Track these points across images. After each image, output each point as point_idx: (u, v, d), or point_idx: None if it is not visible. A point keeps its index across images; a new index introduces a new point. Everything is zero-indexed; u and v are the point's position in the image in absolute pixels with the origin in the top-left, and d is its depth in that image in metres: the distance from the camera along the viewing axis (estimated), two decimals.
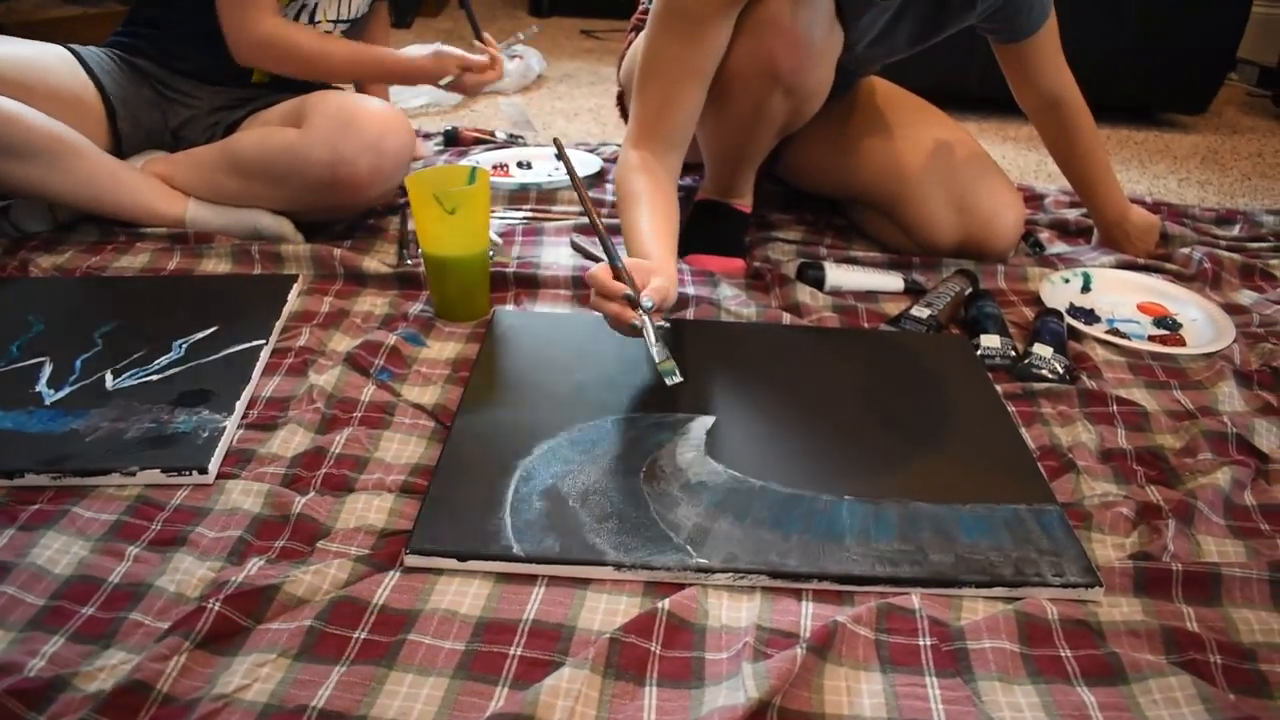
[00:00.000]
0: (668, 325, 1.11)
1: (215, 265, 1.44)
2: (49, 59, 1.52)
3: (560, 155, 1.16)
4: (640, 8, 1.70)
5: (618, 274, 1.10)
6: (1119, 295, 1.52)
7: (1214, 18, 2.46)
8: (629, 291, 1.09)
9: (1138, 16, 2.43)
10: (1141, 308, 1.50)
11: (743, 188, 1.56)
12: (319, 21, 1.61)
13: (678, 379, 1.09)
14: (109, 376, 1.15)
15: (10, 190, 1.44)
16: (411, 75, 1.65)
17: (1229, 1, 2.44)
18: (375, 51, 1.62)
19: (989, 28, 1.50)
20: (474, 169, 1.31)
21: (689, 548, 0.91)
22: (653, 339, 1.09)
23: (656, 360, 1.09)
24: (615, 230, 1.53)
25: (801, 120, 1.49)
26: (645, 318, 1.08)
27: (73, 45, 1.58)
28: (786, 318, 1.36)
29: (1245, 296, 1.54)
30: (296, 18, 1.58)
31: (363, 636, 0.82)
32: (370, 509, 0.96)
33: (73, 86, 1.52)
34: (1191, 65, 2.52)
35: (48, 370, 1.16)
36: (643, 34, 1.60)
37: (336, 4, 1.61)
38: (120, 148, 1.59)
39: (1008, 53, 1.54)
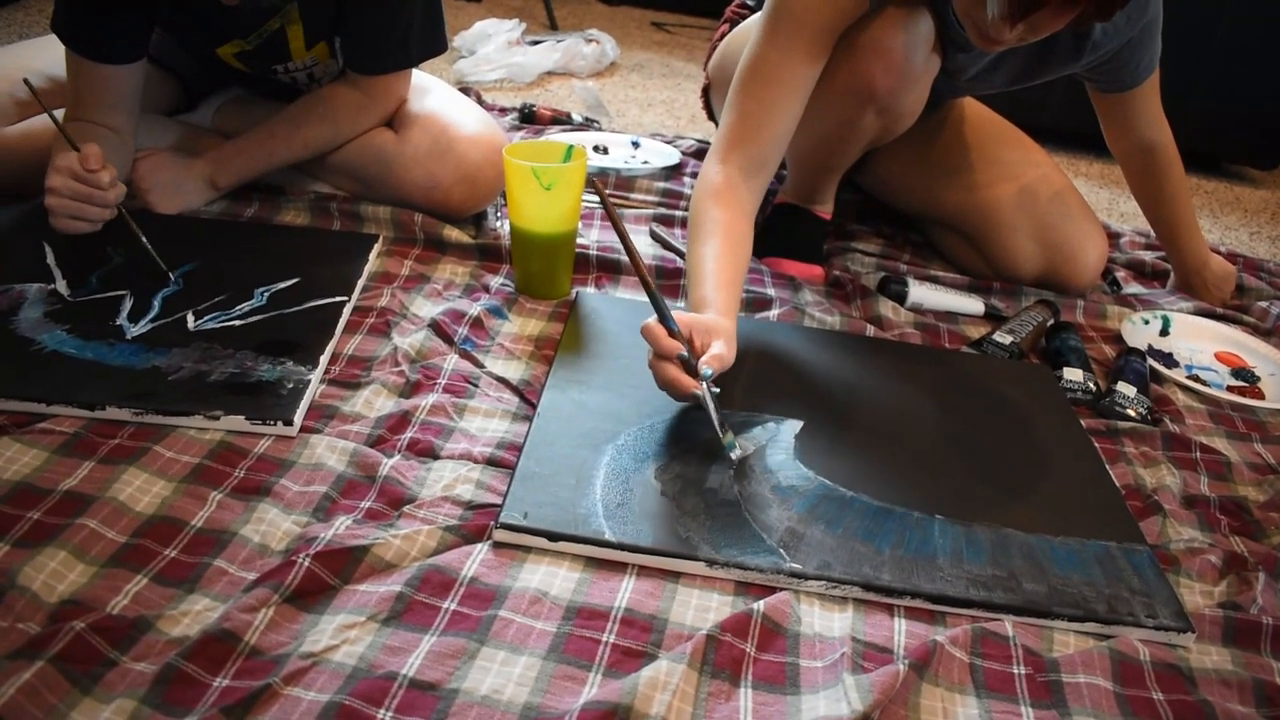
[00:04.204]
0: (718, 391, 1.03)
1: (294, 217, 1.42)
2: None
3: (611, 218, 1.04)
4: (736, 0, 1.68)
5: (674, 335, 1.01)
6: (1197, 342, 1.50)
7: None
8: (684, 352, 1.00)
9: (1217, 68, 2.41)
10: (1220, 357, 1.48)
11: (824, 195, 1.54)
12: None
13: (739, 453, 1.01)
14: (190, 317, 1.13)
15: None
16: None
17: None
18: None
19: (1092, 77, 1.48)
20: (570, 147, 1.29)
21: (782, 551, 0.89)
22: (714, 412, 1.00)
23: (720, 434, 1.00)
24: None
25: (890, 137, 1.47)
26: (705, 387, 0.99)
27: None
28: (870, 330, 1.34)
29: None
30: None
31: (452, 608, 0.81)
32: (457, 479, 0.95)
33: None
34: (1266, 121, 2.50)
35: (128, 304, 1.14)
36: (739, 29, 1.59)
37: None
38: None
39: (1106, 100, 1.52)
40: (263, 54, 1.38)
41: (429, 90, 1.52)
